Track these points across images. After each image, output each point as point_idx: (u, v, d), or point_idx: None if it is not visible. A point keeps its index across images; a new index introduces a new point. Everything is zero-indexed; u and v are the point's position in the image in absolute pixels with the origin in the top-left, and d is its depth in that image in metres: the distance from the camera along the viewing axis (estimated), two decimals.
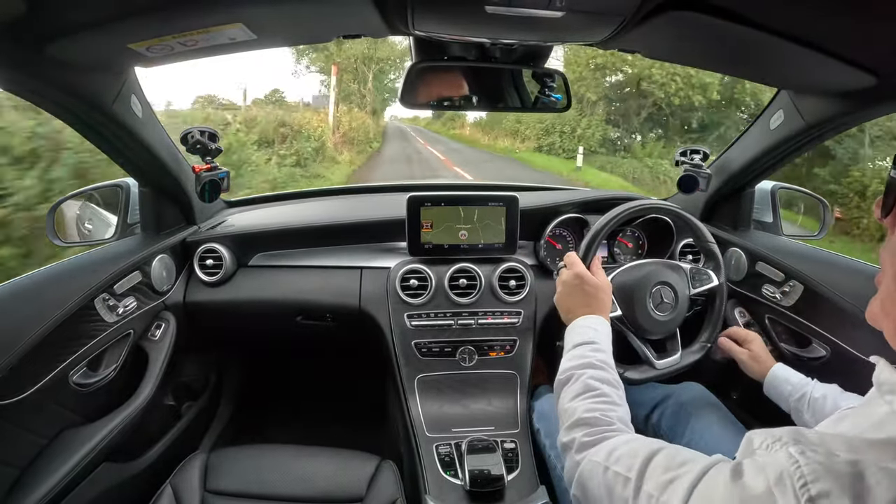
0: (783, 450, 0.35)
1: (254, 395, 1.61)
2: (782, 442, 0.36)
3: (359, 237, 1.20)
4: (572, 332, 0.74)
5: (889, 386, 0.38)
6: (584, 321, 0.74)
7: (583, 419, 0.58)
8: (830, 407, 0.75)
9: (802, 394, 0.79)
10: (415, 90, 0.90)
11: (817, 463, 0.32)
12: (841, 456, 0.33)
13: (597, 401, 0.60)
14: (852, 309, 0.87)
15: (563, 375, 0.67)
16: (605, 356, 0.68)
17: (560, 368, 0.68)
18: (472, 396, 1.06)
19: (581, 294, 0.77)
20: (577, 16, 0.63)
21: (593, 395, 0.61)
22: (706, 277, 0.95)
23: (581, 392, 0.62)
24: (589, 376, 0.64)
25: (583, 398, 0.61)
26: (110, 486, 0.94)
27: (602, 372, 0.65)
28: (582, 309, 0.76)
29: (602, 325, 0.74)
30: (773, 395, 0.85)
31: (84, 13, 0.58)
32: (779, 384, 0.84)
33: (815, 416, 0.77)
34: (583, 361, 0.66)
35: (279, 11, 0.64)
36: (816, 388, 0.79)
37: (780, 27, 0.61)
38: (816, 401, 0.77)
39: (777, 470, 0.34)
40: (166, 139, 0.98)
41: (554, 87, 0.97)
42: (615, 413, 0.59)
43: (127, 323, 0.92)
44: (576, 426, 0.59)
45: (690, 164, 1.15)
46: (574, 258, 0.83)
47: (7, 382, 0.68)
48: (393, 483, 0.87)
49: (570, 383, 0.65)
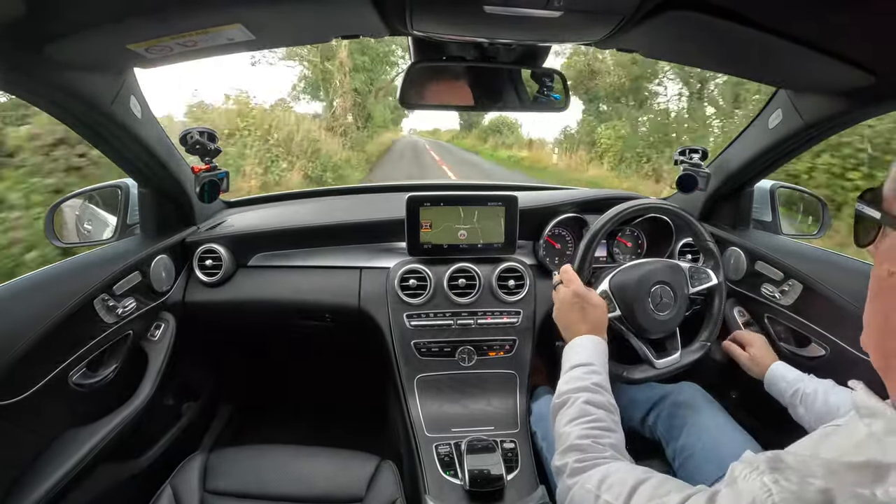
0: (759, 479, 0.37)
1: (253, 395, 1.61)
2: (759, 471, 0.37)
3: (358, 237, 1.20)
4: (570, 351, 0.75)
5: (867, 410, 0.39)
6: (582, 341, 0.75)
7: (576, 445, 0.60)
8: (821, 402, 0.78)
9: (796, 389, 0.83)
10: (413, 90, 0.90)
11: (789, 492, 0.34)
12: (815, 484, 0.34)
13: (590, 427, 0.62)
14: (851, 308, 0.87)
15: (560, 399, 0.68)
16: (601, 379, 0.70)
17: (557, 391, 0.70)
18: (471, 396, 1.06)
19: (580, 312, 0.78)
20: (575, 15, 0.63)
21: (588, 420, 0.63)
22: (705, 276, 0.95)
23: (576, 417, 0.64)
24: (584, 400, 0.65)
25: (577, 423, 0.63)
26: (110, 486, 0.94)
27: (597, 396, 0.67)
28: (581, 326, 0.77)
29: (599, 345, 0.75)
30: (773, 392, 0.89)
31: (83, 14, 0.58)
32: (776, 381, 0.88)
33: (808, 411, 0.80)
34: (579, 385, 0.68)
35: (278, 12, 0.64)
36: (808, 383, 0.82)
37: (778, 26, 0.61)
38: (808, 396, 0.81)
39: (749, 498, 0.36)
40: (165, 140, 0.98)
41: (552, 86, 0.97)
42: (608, 440, 0.61)
43: (126, 323, 0.92)
44: (569, 451, 0.60)
45: (689, 163, 1.15)
46: (570, 274, 0.83)
47: (7, 383, 0.68)
48: (393, 483, 0.87)
49: (565, 407, 0.66)
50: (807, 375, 0.85)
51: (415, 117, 19.88)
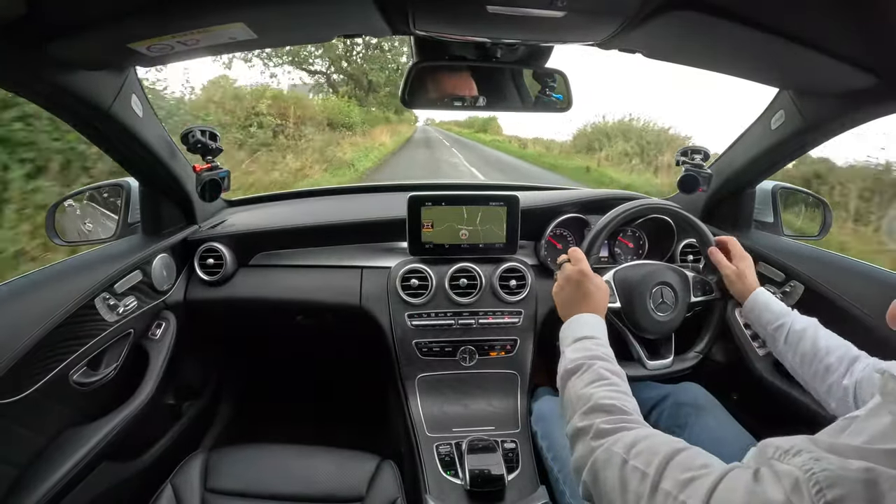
0: (798, 458, 0.36)
1: (254, 395, 1.61)
2: (796, 449, 0.37)
3: (359, 237, 1.20)
4: (573, 325, 0.73)
5: (895, 397, 0.38)
6: (586, 318, 0.74)
7: (601, 405, 0.57)
8: (809, 343, 0.75)
9: (781, 323, 0.80)
10: (415, 90, 0.90)
11: (831, 470, 0.33)
12: (856, 464, 0.33)
13: (612, 389, 0.60)
14: (853, 309, 0.87)
15: (572, 365, 0.65)
16: (609, 351, 0.68)
17: (566, 359, 0.67)
18: (472, 396, 1.06)
19: (583, 290, 0.77)
20: (578, 16, 0.63)
21: (608, 383, 0.61)
22: (709, 288, 0.94)
23: (595, 379, 0.61)
24: (600, 366, 0.63)
25: (598, 385, 0.60)
26: (110, 486, 0.94)
27: (611, 364, 0.65)
28: (582, 305, 0.76)
29: (602, 324, 0.74)
30: (752, 318, 0.85)
31: (84, 13, 0.58)
32: (759, 310, 0.83)
33: (791, 348, 0.77)
34: (591, 353, 0.66)
35: (280, 11, 0.64)
36: (797, 320, 0.79)
37: (780, 27, 0.61)
38: (796, 333, 0.77)
39: (792, 478, 0.35)
40: (167, 138, 0.98)
41: (554, 86, 0.97)
42: (631, 404, 0.59)
43: (127, 322, 0.92)
44: (593, 411, 0.57)
45: (691, 163, 1.15)
46: (579, 254, 0.82)
47: (7, 381, 0.68)
48: (393, 483, 0.87)
49: (580, 372, 0.64)
50: (793, 311, 0.81)
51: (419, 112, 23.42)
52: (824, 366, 0.72)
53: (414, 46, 0.91)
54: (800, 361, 0.76)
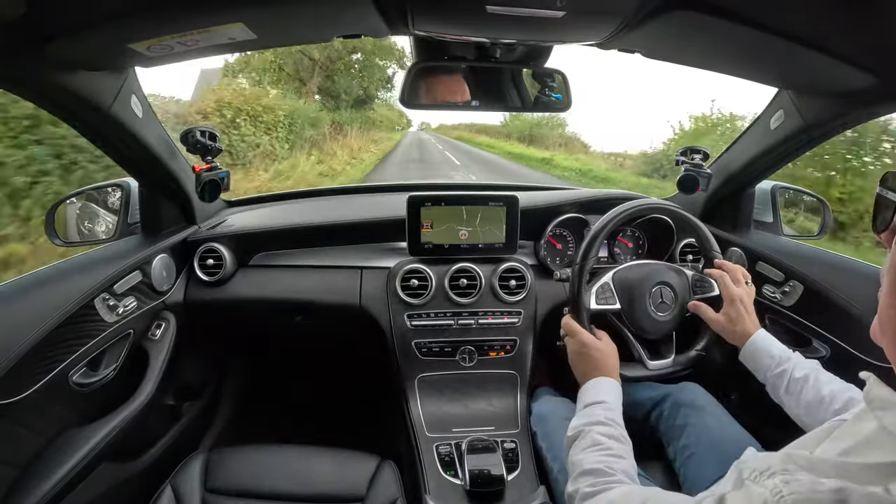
0: (769, 481, 0.36)
1: (254, 395, 1.61)
2: (770, 471, 0.37)
3: (359, 237, 1.20)
4: (584, 392, 0.77)
5: (879, 402, 0.38)
6: (595, 382, 0.77)
7: (587, 470, 0.62)
8: (811, 392, 0.73)
9: (783, 370, 0.77)
10: (415, 90, 0.90)
11: (800, 493, 0.34)
12: (827, 484, 0.34)
13: (602, 454, 0.64)
14: (852, 309, 0.87)
15: (573, 432, 0.70)
16: (613, 414, 0.71)
17: (570, 426, 0.72)
18: (472, 396, 1.06)
19: (589, 360, 0.80)
20: (577, 16, 0.63)
21: (599, 448, 0.65)
22: (708, 286, 0.94)
23: (588, 446, 0.66)
24: (597, 432, 0.67)
25: (589, 451, 0.65)
26: (110, 486, 0.94)
27: (609, 428, 0.68)
28: (593, 372, 0.79)
29: (611, 384, 0.77)
30: (751, 364, 0.81)
31: (84, 13, 0.58)
32: (758, 355, 0.79)
33: (794, 398, 0.75)
34: (591, 419, 0.70)
35: (279, 11, 0.64)
36: (798, 366, 0.76)
37: (780, 27, 0.61)
38: (797, 381, 0.75)
39: (760, 501, 0.35)
40: (166, 139, 0.98)
41: (554, 86, 0.97)
42: (619, 465, 0.62)
43: (127, 323, 0.92)
44: (581, 476, 0.62)
45: (691, 163, 1.15)
46: (572, 325, 0.83)
47: (7, 382, 0.68)
48: (393, 483, 0.87)
49: (579, 439, 0.68)
50: (793, 353, 0.78)
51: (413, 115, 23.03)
52: (832, 412, 0.70)
53: (413, 47, 0.91)
54: (805, 412, 0.74)
